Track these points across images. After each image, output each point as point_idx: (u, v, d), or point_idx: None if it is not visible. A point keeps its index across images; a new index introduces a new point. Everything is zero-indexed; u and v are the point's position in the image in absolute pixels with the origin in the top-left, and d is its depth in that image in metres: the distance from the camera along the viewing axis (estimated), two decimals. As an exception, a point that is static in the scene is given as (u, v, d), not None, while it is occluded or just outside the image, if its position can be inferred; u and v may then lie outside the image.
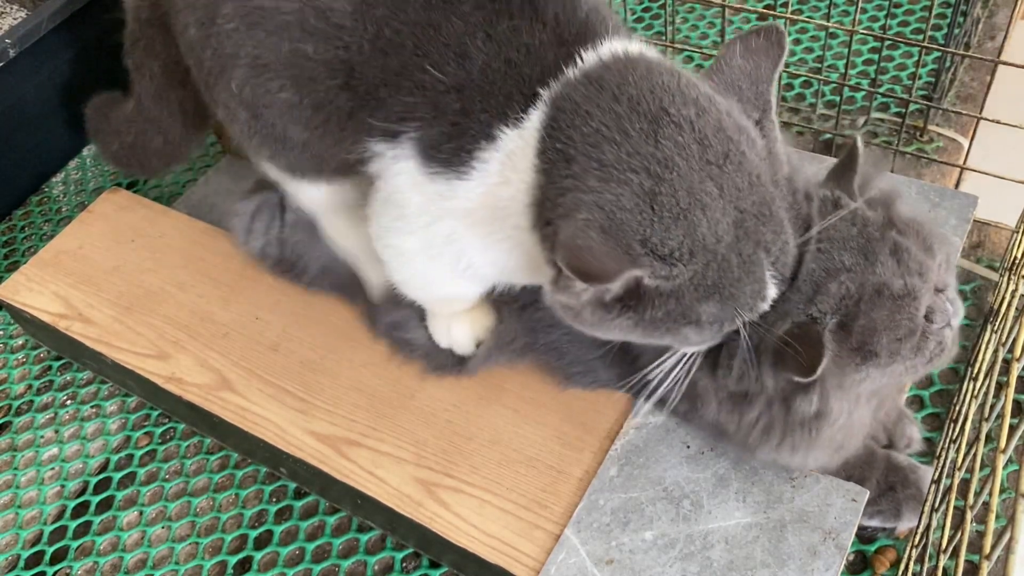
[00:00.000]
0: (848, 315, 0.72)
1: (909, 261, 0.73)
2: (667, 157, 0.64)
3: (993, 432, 0.59)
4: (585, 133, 0.66)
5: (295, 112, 0.81)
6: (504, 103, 0.70)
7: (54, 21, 1.30)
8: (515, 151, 0.70)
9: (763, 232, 0.67)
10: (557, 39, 0.71)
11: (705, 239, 0.64)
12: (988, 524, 0.53)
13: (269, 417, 0.96)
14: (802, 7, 1.47)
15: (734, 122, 0.68)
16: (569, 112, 0.67)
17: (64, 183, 1.44)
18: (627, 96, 0.66)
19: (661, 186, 0.64)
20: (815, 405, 0.75)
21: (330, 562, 0.96)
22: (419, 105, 0.72)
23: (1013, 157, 1.09)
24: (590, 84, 0.68)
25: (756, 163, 0.68)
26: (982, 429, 0.65)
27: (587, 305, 0.68)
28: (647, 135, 0.65)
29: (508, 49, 0.70)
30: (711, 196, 0.65)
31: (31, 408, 1.14)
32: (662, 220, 0.63)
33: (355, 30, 0.74)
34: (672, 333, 0.69)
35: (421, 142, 0.73)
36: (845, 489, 0.83)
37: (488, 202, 0.72)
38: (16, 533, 1.03)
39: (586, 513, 0.85)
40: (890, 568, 0.88)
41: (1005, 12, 1.40)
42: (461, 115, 0.71)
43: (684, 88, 0.67)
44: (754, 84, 0.72)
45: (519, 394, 0.95)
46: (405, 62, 0.73)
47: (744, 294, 0.67)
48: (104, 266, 1.13)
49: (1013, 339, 0.63)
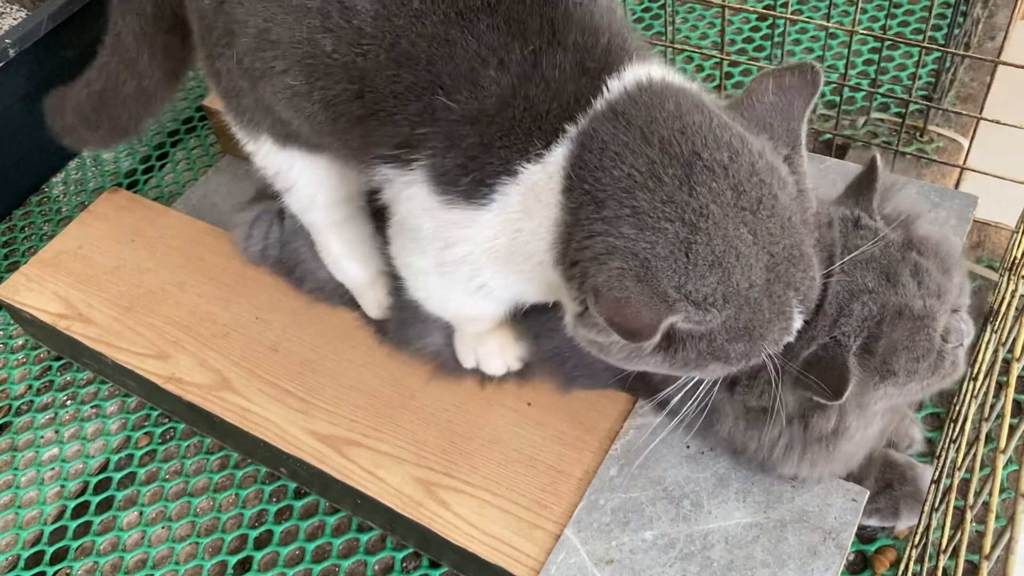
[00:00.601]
0: (870, 336, 0.73)
1: (929, 282, 0.74)
2: (702, 205, 0.64)
3: (993, 432, 0.59)
4: (616, 177, 0.65)
5: (299, 101, 0.80)
6: (524, 139, 0.69)
7: (54, 21, 1.30)
8: (538, 185, 0.69)
9: (793, 273, 0.67)
10: (578, 68, 0.69)
11: (739, 285, 0.64)
12: (988, 524, 0.53)
13: (269, 417, 0.96)
14: (802, 7, 1.47)
15: (766, 164, 0.67)
16: (597, 152, 0.66)
17: (64, 183, 1.44)
18: (658, 138, 0.65)
19: (697, 235, 0.63)
20: (833, 423, 0.76)
21: (330, 562, 0.96)
22: (431, 134, 0.71)
23: (1013, 157, 1.09)
24: (617, 121, 0.67)
25: (787, 204, 0.67)
26: (982, 429, 0.65)
27: (616, 343, 0.68)
28: (681, 182, 0.64)
29: (525, 81, 0.69)
30: (745, 243, 0.64)
31: (31, 408, 1.14)
32: (697, 268, 0.63)
33: (374, 37, 0.72)
34: (699, 368, 0.69)
35: (434, 170, 0.72)
36: (845, 489, 0.83)
37: (508, 231, 0.71)
38: (16, 533, 1.03)
39: (586, 513, 0.85)
40: (890, 568, 0.88)
41: (1005, 12, 1.40)
42: (478, 148, 0.70)
43: (716, 130, 0.66)
44: (785, 121, 0.71)
45: (519, 394, 0.95)
46: (417, 78, 0.71)
47: (772, 333, 0.68)
48: (104, 266, 1.13)
49: (1013, 339, 0.63)
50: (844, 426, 0.77)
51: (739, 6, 1.40)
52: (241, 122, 0.90)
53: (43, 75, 1.34)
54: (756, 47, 1.43)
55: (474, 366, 0.94)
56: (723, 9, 1.14)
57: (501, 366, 0.94)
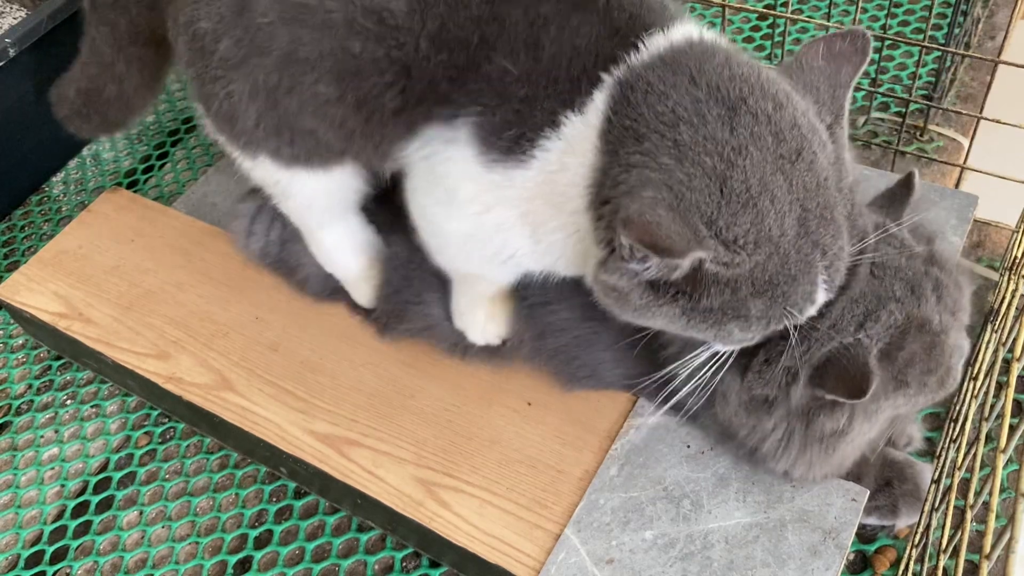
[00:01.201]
0: (891, 343, 0.73)
1: (947, 299, 0.75)
2: (741, 145, 0.64)
3: (993, 432, 0.60)
4: (659, 112, 0.66)
5: (328, 107, 0.80)
6: (570, 88, 0.70)
7: (54, 21, 1.30)
8: (576, 135, 0.69)
9: (823, 234, 0.67)
10: (619, 26, 0.71)
11: (771, 231, 0.64)
12: (988, 524, 0.53)
13: (269, 417, 0.96)
14: (802, 7, 1.47)
15: (809, 122, 0.68)
16: (642, 91, 0.67)
17: (64, 183, 1.44)
18: (706, 81, 0.66)
19: (733, 171, 0.64)
20: (840, 424, 0.76)
21: (330, 562, 0.96)
22: (484, 91, 0.72)
23: (1013, 157, 1.09)
24: (666, 66, 0.68)
25: (825, 166, 0.68)
26: (982, 429, 0.65)
27: (637, 287, 0.67)
28: (724, 122, 0.65)
29: (576, 37, 0.70)
30: (780, 189, 0.65)
31: (31, 408, 1.14)
32: (730, 205, 0.63)
33: (411, 30, 0.74)
34: (717, 326, 0.68)
35: (481, 128, 0.72)
36: (845, 489, 0.83)
37: (545, 190, 0.72)
38: (16, 533, 1.03)
39: (586, 513, 0.85)
40: (890, 568, 0.88)
41: (1005, 12, 1.40)
42: (525, 103, 0.70)
43: (764, 82, 0.68)
44: (832, 88, 0.72)
45: (519, 394, 0.95)
46: (472, 56, 0.72)
47: (796, 294, 0.67)
48: (104, 266, 1.13)
49: (1013, 339, 0.63)
50: (848, 429, 0.77)
51: (739, 6, 1.40)
52: (237, 144, 0.90)
53: (43, 75, 1.34)
54: (756, 47, 1.43)
55: (460, 327, 0.95)
56: (723, 9, 1.14)
57: (480, 338, 0.94)
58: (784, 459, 0.80)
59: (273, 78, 0.81)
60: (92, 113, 1.13)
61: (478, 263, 0.84)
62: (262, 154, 0.89)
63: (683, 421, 0.88)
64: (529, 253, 0.78)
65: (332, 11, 0.75)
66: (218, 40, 0.83)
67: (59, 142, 1.44)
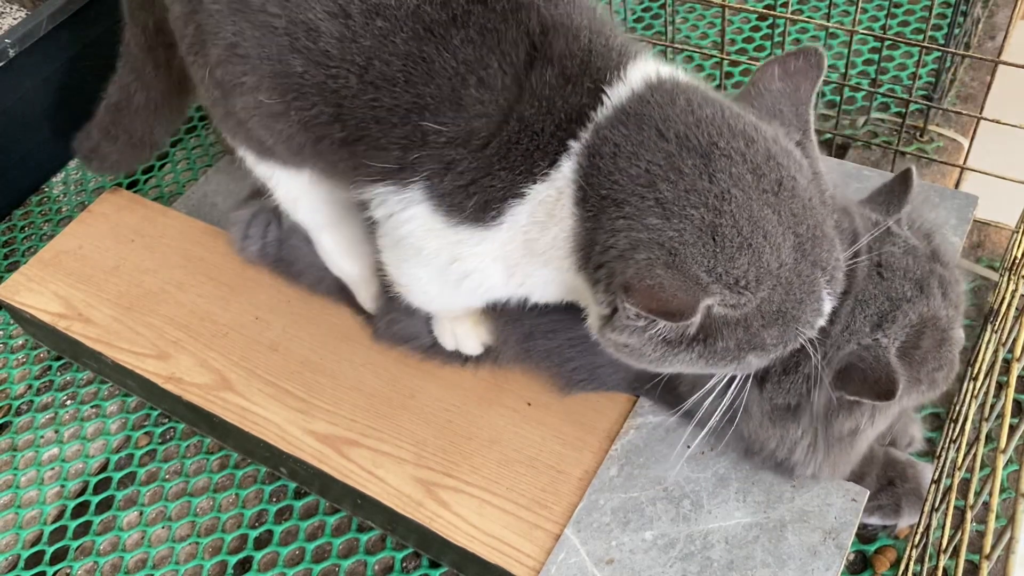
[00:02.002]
0: (908, 343, 0.74)
1: (951, 294, 0.76)
2: (724, 190, 0.64)
3: (993, 432, 0.59)
4: (634, 175, 0.65)
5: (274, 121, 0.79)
6: (526, 160, 0.68)
7: (54, 21, 1.30)
8: (548, 200, 0.69)
9: (819, 253, 0.67)
10: (569, 79, 0.68)
11: (770, 265, 0.64)
12: (988, 524, 0.53)
13: (269, 417, 0.96)
14: (802, 7, 1.47)
15: (782, 148, 0.68)
16: (610, 156, 0.66)
17: (64, 183, 1.44)
18: (674, 132, 0.66)
19: (722, 218, 0.63)
20: (859, 423, 0.76)
21: (330, 562, 0.96)
22: (423, 158, 0.70)
23: (1013, 157, 1.09)
24: (629, 123, 0.66)
25: (806, 187, 0.68)
26: (982, 429, 0.65)
27: (649, 342, 0.67)
28: (701, 171, 0.64)
29: (514, 101, 0.68)
30: (771, 224, 0.65)
31: (31, 408, 1.14)
32: (725, 250, 0.63)
33: (343, 60, 0.71)
34: (736, 361, 0.69)
35: (433, 191, 0.71)
36: (845, 489, 0.83)
37: (520, 240, 0.71)
38: (16, 533, 1.03)
39: (586, 513, 0.84)
40: (890, 568, 0.88)
41: (1005, 12, 1.40)
42: (476, 172, 0.69)
43: (730, 120, 0.67)
44: (794, 106, 0.72)
45: (519, 394, 0.95)
46: (398, 100, 0.70)
47: (805, 314, 0.67)
48: (104, 266, 1.13)
49: (1013, 339, 0.63)
50: (866, 427, 0.77)
51: (739, 6, 1.40)
52: (224, 129, 0.90)
53: (43, 75, 1.34)
54: (756, 47, 1.43)
55: (454, 347, 0.95)
56: (723, 9, 1.14)
57: (479, 345, 0.94)
58: (813, 463, 0.80)
59: (219, 72, 0.80)
60: (119, 131, 1.13)
61: (453, 302, 0.84)
62: (240, 144, 0.89)
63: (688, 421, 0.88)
64: (505, 286, 0.77)
65: (273, 15, 0.73)
66: (186, 25, 0.83)
67: (59, 142, 1.45)
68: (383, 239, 0.82)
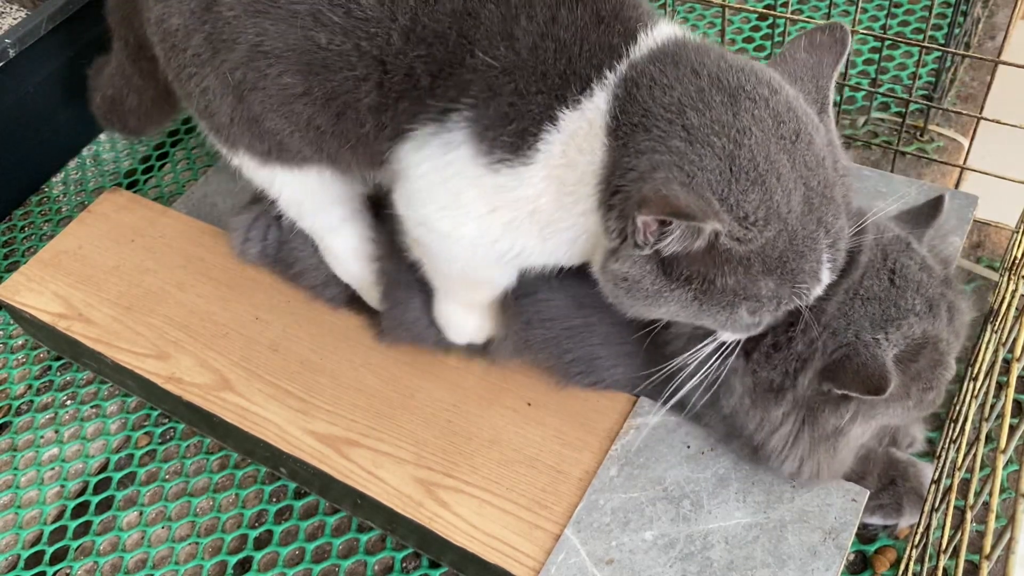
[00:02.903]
0: (906, 354, 0.75)
1: (957, 322, 0.78)
2: (745, 127, 0.66)
3: (993, 432, 0.59)
4: (666, 103, 0.68)
5: (295, 103, 0.80)
6: (560, 84, 0.70)
7: (54, 21, 1.30)
8: (578, 132, 0.70)
9: (825, 212, 0.68)
10: (599, 19, 0.72)
11: (779, 207, 0.66)
12: (988, 524, 0.53)
13: (269, 417, 0.96)
14: (802, 7, 1.47)
15: (802, 106, 0.71)
16: (646, 87, 0.69)
17: (64, 183, 1.44)
18: (707, 72, 0.69)
19: (740, 150, 0.65)
20: (843, 420, 0.77)
21: (330, 562, 0.96)
22: (473, 83, 0.72)
23: (1013, 157, 1.09)
24: (668, 59, 0.70)
25: (822, 146, 0.70)
26: (982, 429, 0.65)
27: (649, 273, 0.68)
28: (727, 106, 0.67)
29: (553, 26, 0.71)
30: (784, 167, 0.66)
31: (31, 408, 1.14)
32: (740, 182, 0.65)
33: (382, 21, 0.74)
34: (728, 310, 0.69)
35: (477, 124, 0.72)
36: (845, 489, 0.83)
37: (552, 188, 0.72)
38: (16, 533, 1.03)
39: (586, 513, 0.84)
40: (890, 568, 0.88)
41: (1005, 12, 1.40)
42: (516, 96, 0.71)
43: (758, 71, 0.70)
44: (815, 79, 0.74)
45: (519, 394, 0.95)
46: (452, 50, 0.73)
47: (803, 271, 0.68)
48: (104, 266, 1.13)
49: (1013, 339, 0.63)
50: (847, 429, 0.78)
51: (739, 6, 1.40)
52: (219, 138, 0.90)
53: (43, 75, 1.34)
54: (756, 47, 1.43)
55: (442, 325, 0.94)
56: (723, 9, 1.14)
57: (464, 337, 0.94)
58: (792, 457, 0.80)
59: (239, 73, 0.81)
60: (114, 118, 1.17)
61: (485, 267, 0.83)
62: (240, 149, 0.90)
63: (687, 420, 0.88)
64: (537, 250, 0.78)
65: (297, 2, 0.75)
66: (189, 37, 0.83)
67: (59, 142, 1.45)
68: (414, 198, 0.80)
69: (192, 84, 0.86)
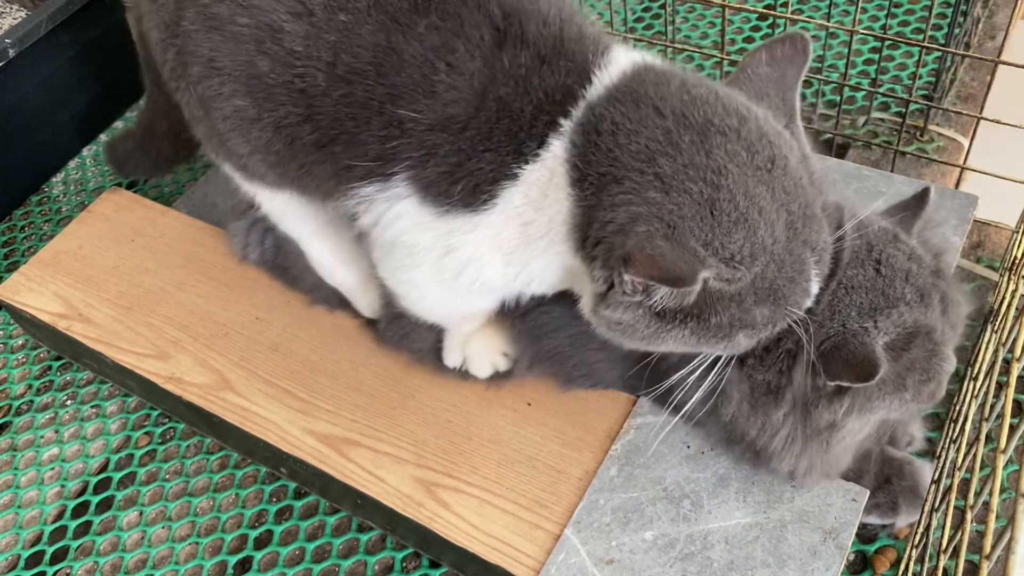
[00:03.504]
0: (898, 342, 0.74)
1: (951, 313, 0.77)
2: (720, 166, 0.65)
3: (993, 432, 0.60)
4: (634, 151, 0.66)
5: (250, 127, 0.79)
6: (511, 140, 0.69)
7: (54, 21, 1.30)
8: (540, 180, 0.69)
9: (809, 232, 0.68)
10: (541, 60, 0.69)
11: (764, 241, 0.65)
12: (988, 524, 0.53)
13: (269, 417, 0.96)
14: (802, 7, 1.47)
15: (772, 128, 0.69)
16: (608, 133, 0.67)
17: (64, 183, 1.44)
18: (670, 110, 0.67)
19: (719, 193, 0.64)
20: (838, 415, 0.76)
21: (330, 562, 0.96)
22: (402, 145, 0.71)
23: (1013, 157, 1.09)
24: (626, 101, 0.67)
25: (796, 166, 0.69)
26: (982, 429, 0.65)
27: (643, 318, 0.68)
28: (698, 147, 0.65)
29: (489, 82, 0.69)
30: (765, 200, 0.65)
31: (31, 408, 1.14)
32: (722, 225, 0.64)
33: (308, 56, 0.72)
34: (728, 339, 0.69)
35: (419, 181, 0.71)
36: (845, 489, 0.83)
37: (515, 224, 0.71)
38: (16, 533, 1.03)
39: (586, 513, 0.84)
40: (890, 568, 0.88)
41: (1005, 12, 1.40)
42: (459, 155, 0.69)
43: (723, 99, 0.68)
44: (780, 91, 0.73)
45: (519, 394, 0.95)
46: (372, 92, 0.71)
47: (795, 293, 0.68)
48: (104, 266, 1.13)
49: (1013, 339, 0.63)
50: (842, 424, 0.77)
51: (739, 6, 1.40)
52: (209, 148, 0.91)
53: (43, 75, 1.34)
54: (756, 47, 1.43)
55: (457, 365, 0.94)
56: (723, 9, 1.14)
57: (488, 367, 0.94)
58: (789, 456, 0.80)
59: (200, 88, 0.81)
60: (149, 148, 1.16)
61: (455, 304, 0.83)
62: (223, 161, 0.90)
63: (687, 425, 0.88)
64: (503, 277, 0.76)
65: (241, 24, 0.75)
66: (165, 51, 0.84)
67: (59, 142, 1.45)
68: (376, 250, 0.81)
69: (179, 96, 0.86)
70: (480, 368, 0.94)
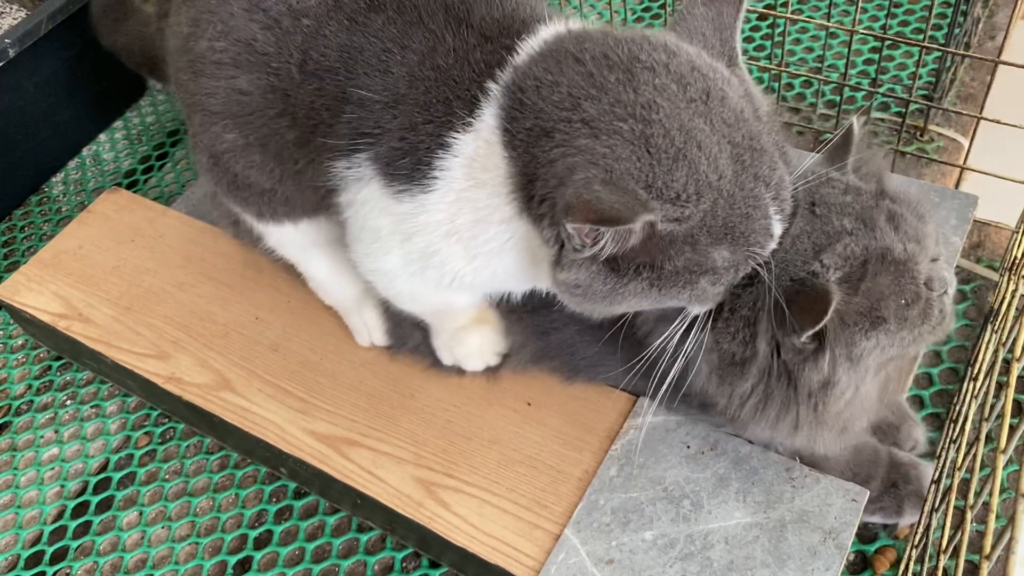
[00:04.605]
0: (853, 274, 0.71)
1: (906, 228, 0.73)
2: (649, 100, 0.63)
3: (993, 432, 0.60)
4: (557, 101, 0.65)
5: (246, 155, 0.83)
6: (445, 110, 0.69)
7: (54, 21, 1.30)
8: (477, 152, 0.69)
9: (760, 166, 0.66)
10: (487, 35, 0.71)
11: (708, 176, 0.63)
12: (988, 524, 0.53)
13: (269, 417, 0.96)
14: (802, 7, 1.47)
15: (705, 62, 0.67)
16: (531, 91, 0.66)
17: (64, 183, 1.44)
18: (590, 55, 0.65)
19: (651, 128, 0.62)
20: (824, 372, 0.73)
21: (330, 562, 0.96)
22: (363, 122, 0.73)
23: (1013, 157, 1.09)
24: (548, 59, 0.67)
25: (736, 99, 0.67)
26: (982, 429, 0.65)
27: (598, 275, 0.66)
28: (624, 84, 0.64)
29: (431, 54, 0.71)
30: (703, 133, 0.63)
31: (31, 408, 1.14)
32: (661, 163, 0.62)
33: (280, 56, 0.76)
34: (690, 287, 0.67)
35: (377, 160, 0.73)
36: (845, 489, 0.83)
37: (465, 207, 0.71)
38: (16, 533, 1.03)
39: (586, 513, 0.85)
40: (890, 568, 0.88)
41: (1005, 12, 1.40)
42: (404, 129, 0.71)
43: (650, 38, 0.67)
44: (718, 31, 0.71)
45: (519, 394, 0.95)
46: (339, 85, 0.74)
47: (754, 231, 0.66)
48: (104, 266, 1.13)
49: (1013, 339, 0.63)
50: (834, 379, 0.74)
51: (739, 6, 1.39)
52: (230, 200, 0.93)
53: (43, 75, 1.34)
54: (756, 47, 1.43)
55: (452, 363, 0.94)
56: (723, 9, 1.14)
57: (479, 363, 0.94)
58: (762, 421, 0.77)
59: (204, 138, 0.85)
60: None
61: (427, 294, 0.83)
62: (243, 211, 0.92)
63: (687, 420, 0.88)
64: (469, 271, 0.75)
65: (219, 51, 0.78)
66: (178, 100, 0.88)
67: (59, 142, 1.45)
68: (350, 243, 0.82)
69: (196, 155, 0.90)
70: (471, 364, 0.94)
